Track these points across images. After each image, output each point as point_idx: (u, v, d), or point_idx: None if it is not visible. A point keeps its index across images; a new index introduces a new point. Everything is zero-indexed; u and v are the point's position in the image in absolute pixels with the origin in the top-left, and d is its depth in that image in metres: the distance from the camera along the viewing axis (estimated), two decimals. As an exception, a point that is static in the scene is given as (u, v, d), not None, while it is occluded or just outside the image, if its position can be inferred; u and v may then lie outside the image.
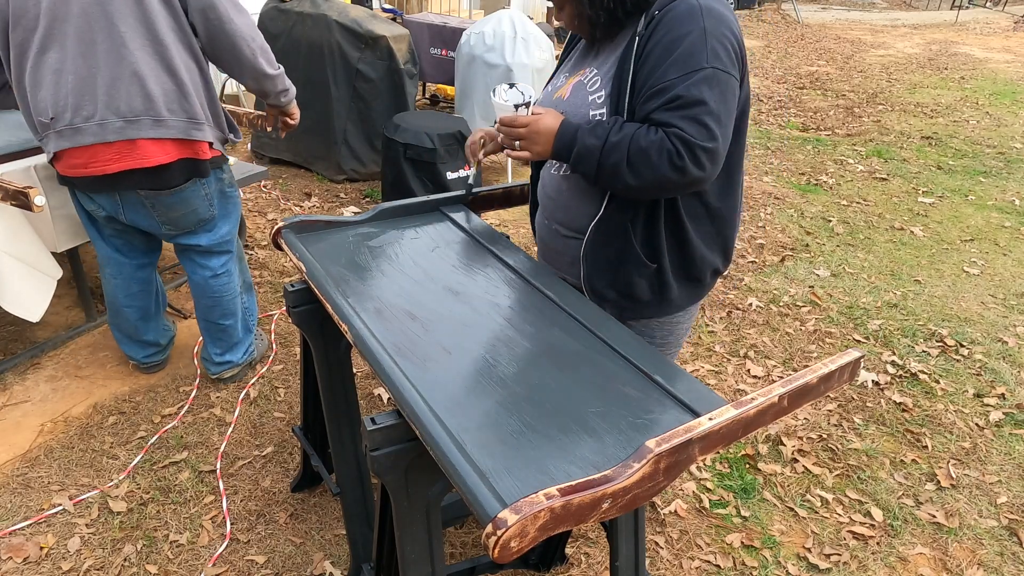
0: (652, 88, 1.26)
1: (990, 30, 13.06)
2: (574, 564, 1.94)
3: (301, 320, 1.58)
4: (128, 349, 2.51)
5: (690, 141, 1.23)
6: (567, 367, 1.18)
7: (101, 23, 1.81)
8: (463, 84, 4.43)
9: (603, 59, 1.40)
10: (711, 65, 1.23)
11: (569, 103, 1.43)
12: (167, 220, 2.11)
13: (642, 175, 1.26)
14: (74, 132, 1.89)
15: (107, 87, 1.86)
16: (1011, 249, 4.08)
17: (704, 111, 1.23)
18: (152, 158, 1.95)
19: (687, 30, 1.24)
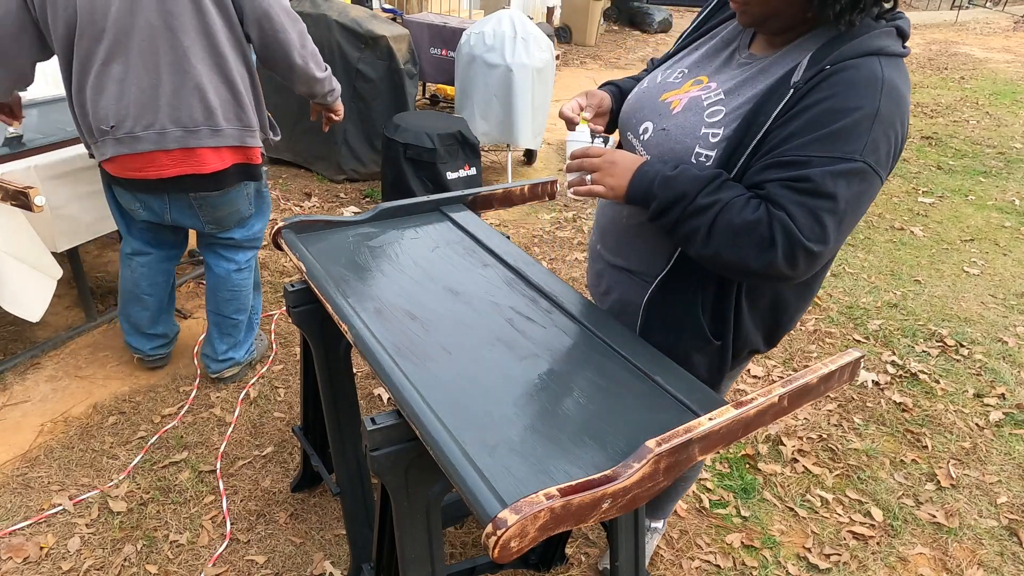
0: (782, 156, 1.04)
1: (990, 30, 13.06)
2: (574, 564, 1.94)
3: (301, 320, 1.58)
4: (136, 342, 2.52)
5: (795, 235, 1.02)
6: (567, 367, 1.18)
7: (165, 37, 1.87)
8: (463, 84, 4.43)
9: (737, 85, 1.15)
10: (864, 159, 1.01)
11: (677, 122, 1.19)
12: (212, 219, 2.20)
13: (719, 250, 1.07)
14: (133, 140, 1.96)
15: (169, 98, 1.93)
16: (1011, 249, 4.08)
17: (829, 208, 1.01)
18: (210, 165, 2.04)
19: (856, 105, 1.00)
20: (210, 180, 2.07)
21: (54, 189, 2.31)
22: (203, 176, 2.05)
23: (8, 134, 2.38)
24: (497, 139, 4.45)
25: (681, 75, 1.26)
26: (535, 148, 4.83)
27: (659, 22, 11.54)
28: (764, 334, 1.32)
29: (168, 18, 1.85)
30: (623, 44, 10.35)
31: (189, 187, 2.07)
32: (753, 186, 1.08)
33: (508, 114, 4.32)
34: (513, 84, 4.21)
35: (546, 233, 4.01)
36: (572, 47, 9.70)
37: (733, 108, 1.13)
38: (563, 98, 7.01)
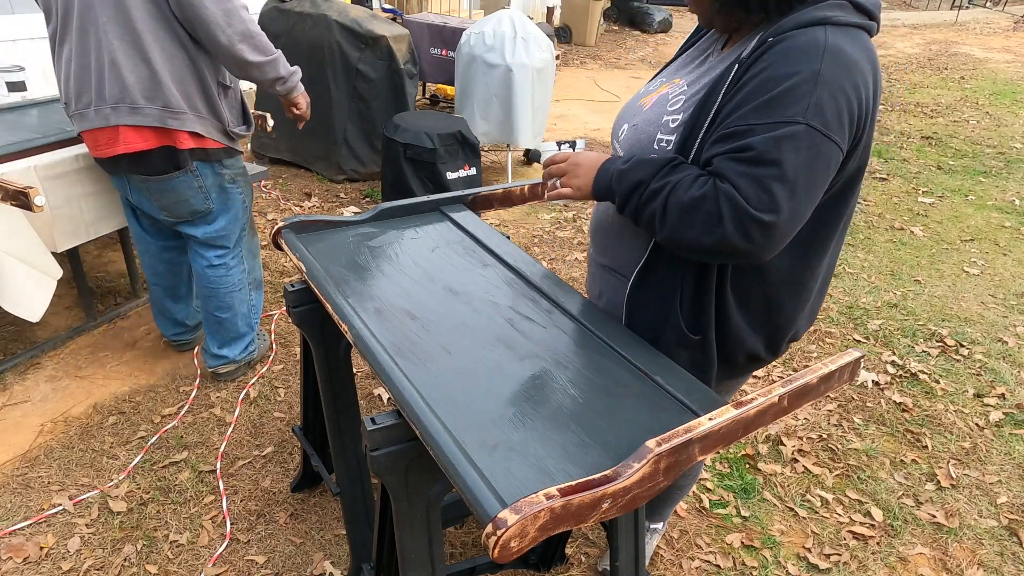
0: (727, 129, 1.04)
1: (990, 30, 13.06)
2: (574, 564, 1.94)
3: (301, 320, 1.58)
4: (160, 323, 2.62)
5: (741, 205, 0.99)
6: (567, 367, 1.18)
7: (90, 15, 1.90)
8: (463, 84, 4.43)
9: (696, 76, 1.19)
10: (807, 122, 0.97)
11: (645, 116, 1.24)
12: (163, 206, 2.18)
13: (674, 230, 1.07)
14: (80, 117, 2.02)
15: (96, 76, 1.95)
16: (1011, 249, 4.08)
17: (775, 175, 0.98)
18: (133, 144, 2.01)
19: (795, 70, 0.98)
20: (142, 163, 2.05)
21: (54, 189, 2.31)
22: (134, 158, 2.03)
23: None
24: (497, 139, 4.45)
25: (660, 82, 1.31)
26: (535, 148, 4.83)
27: (659, 22, 11.54)
28: (764, 338, 1.28)
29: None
30: (623, 44, 10.35)
31: (128, 168, 2.08)
32: (706, 163, 1.07)
33: (508, 114, 4.32)
34: (513, 84, 4.21)
35: (546, 233, 4.01)
36: (572, 47, 9.69)
37: (692, 95, 1.16)
38: (563, 98, 7.01)
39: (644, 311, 1.28)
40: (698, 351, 1.24)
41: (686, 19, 13.86)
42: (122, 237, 2.88)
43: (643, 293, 1.27)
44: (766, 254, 1.04)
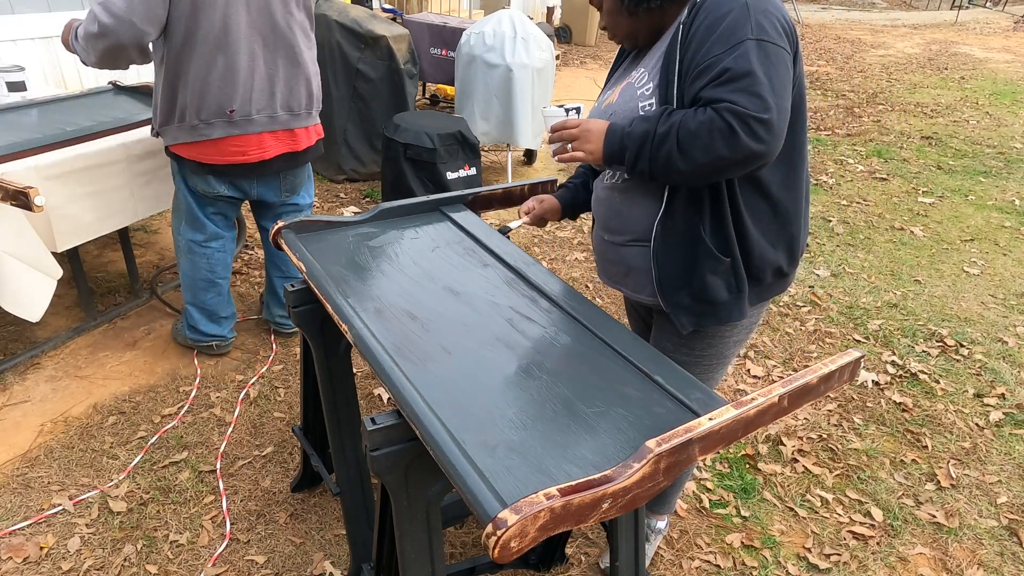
0: (699, 67, 1.23)
1: (990, 30, 13.06)
2: (574, 564, 1.94)
3: (301, 320, 1.58)
4: (209, 328, 2.63)
5: (742, 112, 1.17)
6: (567, 367, 1.18)
7: (282, 32, 2.23)
8: (463, 84, 4.43)
9: (648, 57, 1.39)
10: (756, 36, 1.20)
11: (618, 103, 1.41)
12: (293, 186, 2.51)
13: (694, 158, 1.22)
14: (248, 123, 2.24)
15: (284, 86, 2.29)
16: (1011, 249, 4.08)
17: (754, 81, 1.18)
18: (302, 143, 2.42)
19: (728, 8, 1.22)
20: (304, 154, 2.42)
21: (54, 189, 2.31)
22: (298, 153, 2.39)
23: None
24: (497, 139, 4.45)
25: (611, 89, 1.50)
26: (535, 148, 4.83)
27: (659, 22, 11.52)
28: (783, 250, 1.42)
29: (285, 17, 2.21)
30: (623, 44, 10.34)
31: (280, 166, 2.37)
32: (693, 102, 1.25)
33: (508, 114, 4.32)
34: (513, 84, 4.21)
35: (546, 233, 4.01)
36: (572, 47, 9.69)
37: (651, 67, 1.35)
38: (563, 98, 7.01)
39: (673, 259, 1.39)
40: (730, 273, 1.38)
41: (686, 19, 13.86)
42: (122, 237, 2.88)
43: (668, 243, 1.38)
44: (775, 148, 1.22)
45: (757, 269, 1.40)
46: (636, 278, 1.49)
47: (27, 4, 3.68)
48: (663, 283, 1.42)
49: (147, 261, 3.36)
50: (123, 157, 2.52)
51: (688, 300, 1.41)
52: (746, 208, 1.35)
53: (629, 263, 1.48)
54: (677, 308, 1.42)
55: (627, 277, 1.51)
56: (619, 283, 1.55)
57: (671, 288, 1.41)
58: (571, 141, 1.36)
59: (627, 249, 1.48)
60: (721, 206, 1.34)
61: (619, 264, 1.52)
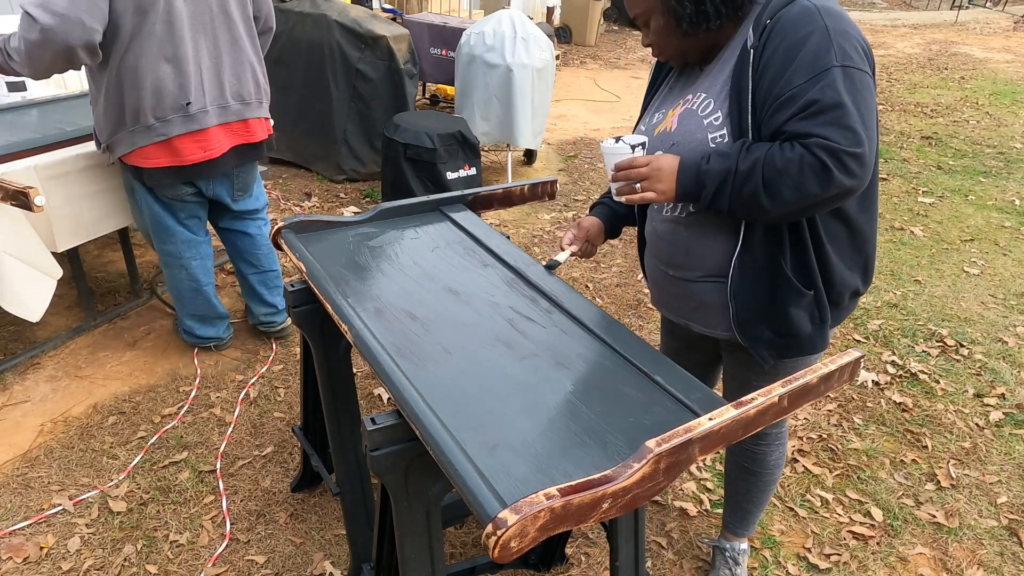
0: (780, 97, 1.16)
1: (990, 30, 13.06)
2: (574, 564, 1.94)
3: (301, 320, 1.58)
4: (207, 332, 2.67)
5: (836, 148, 1.12)
6: (567, 367, 1.18)
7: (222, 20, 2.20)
8: (463, 84, 4.43)
9: (710, 82, 1.30)
10: (841, 63, 1.13)
11: (680, 132, 1.32)
12: (243, 186, 2.46)
13: (783, 197, 1.16)
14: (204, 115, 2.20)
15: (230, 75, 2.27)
16: (1011, 249, 4.08)
17: (844, 113, 1.12)
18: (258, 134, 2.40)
19: (807, 31, 1.15)
20: (258, 149, 2.38)
21: (54, 189, 2.31)
22: (255, 145, 2.36)
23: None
24: (497, 139, 4.45)
25: (662, 113, 1.41)
26: (535, 148, 4.83)
27: (659, 22, 11.52)
28: (859, 271, 1.38)
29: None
30: (623, 44, 10.35)
31: (235, 161, 2.32)
32: (775, 135, 1.18)
33: (508, 114, 4.32)
34: (513, 84, 4.21)
35: (546, 233, 4.01)
36: (572, 47, 9.70)
37: (716, 94, 1.27)
38: (563, 98, 7.01)
39: (753, 295, 1.33)
40: (813, 305, 1.33)
41: (686, 19, 13.84)
42: (122, 237, 2.88)
43: (747, 279, 1.32)
44: (866, 181, 1.17)
45: (837, 295, 1.36)
46: (709, 314, 1.42)
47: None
48: (741, 319, 1.35)
49: (147, 261, 3.35)
50: (123, 157, 2.52)
51: (769, 334, 1.35)
52: (826, 235, 1.29)
53: (701, 299, 1.41)
54: (757, 342, 1.37)
55: (697, 312, 1.44)
56: (686, 318, 1.48)
57: (750, 324, 1.35)
58: (640, 180, 1.27)
59: (698, 285, 1.41)
60: (801, 237, 1.27)
61: (687, 299, 1.45)
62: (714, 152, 1.22)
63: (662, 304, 1.56)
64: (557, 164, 5.20)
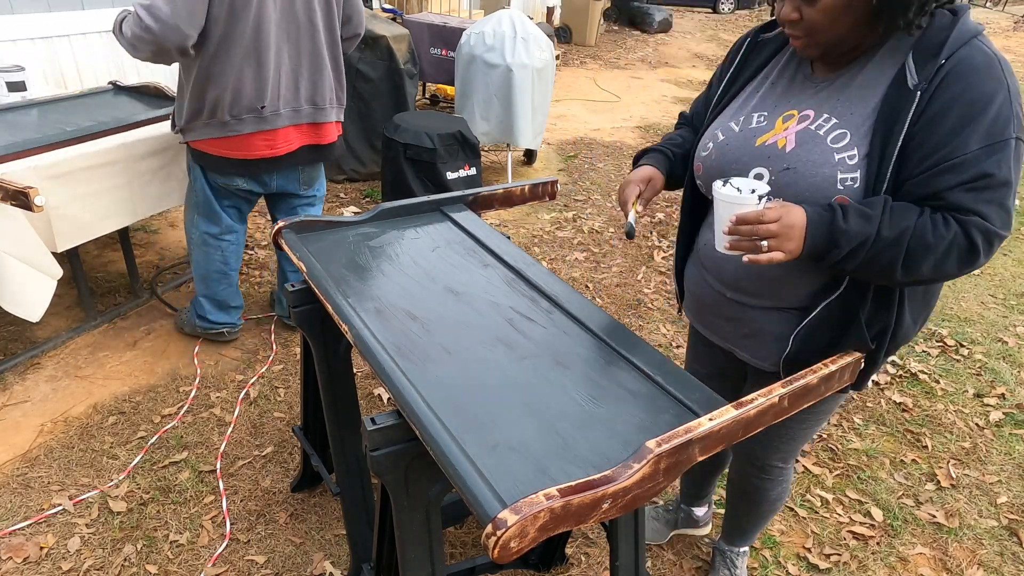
0: (947, 160, 1.03)
1: (990, 30, 13.05)
2: (574, 564, 1.94)
3: (301, 320, 1.58)
4: (219, 318, 2.72)
5: (991, 231, 1.04)
6: (567, 367, 1.18)
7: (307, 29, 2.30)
8: (463, 84, 4.43)
9: (842, 105, 1.14)
10: (1017, 136, 1.03)
11: (799, 158, 1.15)
12: (307, 180, 2.57)
13: (919, 272, 1.06)
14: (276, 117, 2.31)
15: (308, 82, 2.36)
16: (1011, 249, 4.08)
17: (1009, 193, 1.03)
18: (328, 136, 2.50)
19: (992, 89, 1.02)
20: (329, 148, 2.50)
21: (54, 189, 2.31)
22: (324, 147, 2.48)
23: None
24: (497, 139, 4.45)
25: (763, 118, 1.24)
26: (535, 148, 4.83)
27: (659, 22, 11.54)
28: (922, 321, 1.30)
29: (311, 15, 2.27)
30: (623, 44, 10.35)
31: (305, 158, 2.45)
32: (927, 197, 1.06)
33: (508, 114, 4.32)
34: (513, 84, 4.21)
35: (546, 233, 4.01)
36: (572, 47, 9.70)
37: (856, 127, 1.11)
38: (563, 98, 7.01)
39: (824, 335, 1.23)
40: (869, 358, 1.24)
41: (686, 19, 13.87)
42: (122, 237, 2.88)
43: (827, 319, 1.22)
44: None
45: (895, 346, 1.26)
46: (761, 343, 1.32)
47: (27, 4, 3.67)
48: (792, 359, 1.26)
49: (147, 261, 3.36)
50: (123, 157, 2.52)
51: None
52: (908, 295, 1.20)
53: (760, 327, 1.31)
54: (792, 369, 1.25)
55: (748, 340, 1.34)
56: (732, 343, 1.38)
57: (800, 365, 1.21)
58: (768, 238, 1.07)
59: (761, 313, 1.30)
60: (888, 297, 1.18)
61: (740, 324, 1.34)
62: (852, 209, 1.07)
63: (703, 324, 1.45)
64: (557, 164, 5.20)
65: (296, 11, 2.23)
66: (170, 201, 2.77)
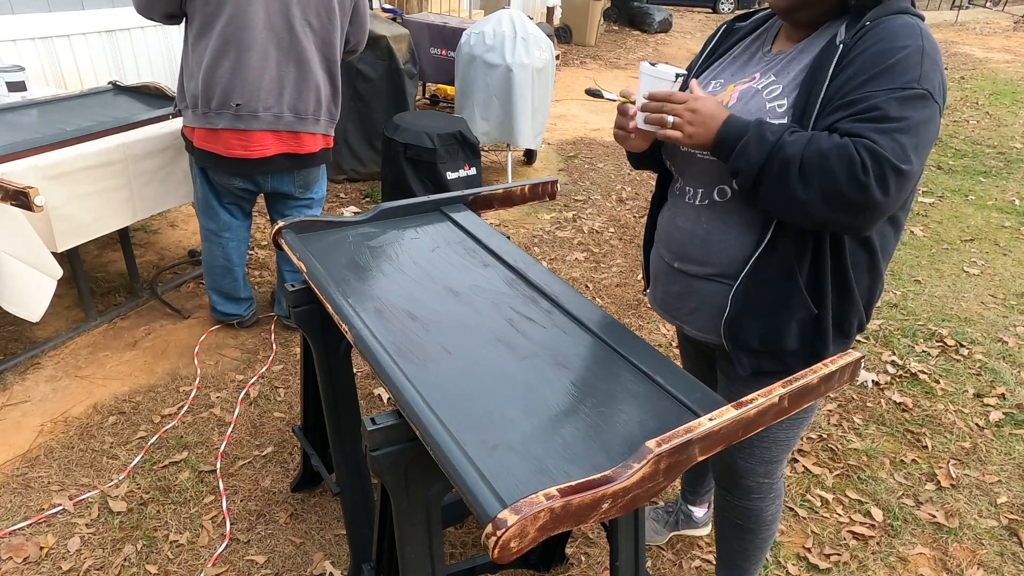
0: (846, 98, 1.10)
1: (990, 30, 13.06)
2: (574, 564, 1.94)
3: (301, 320, 1.58)
4: (229, 308, 2.82)
5: (880, 154, 1.05)
6: (567, 367, 1.18)
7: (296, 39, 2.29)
8: (463, 84, 4.43)
9: (782, 68, 1.24)
10: (924, 87, 1.07)
11: (739, 110, 1.24)
12: (303, 184, 2.56)
13: (813, 184, 1.09)
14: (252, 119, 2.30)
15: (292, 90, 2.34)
16: (1011, 249, 4.08)
17: (903, 128, 1.06)
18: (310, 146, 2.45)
19: (904, 44, 1.09)
20: (306, 158, 2.47)
21: (54, 189, 2.31)
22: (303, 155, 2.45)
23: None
24: (497, 139, 4.45)
25: (719, 85, 1.33)
26: (535, 148, 4.83)
27: (659, 22, 11.54)
28: (866, 301, 1.31)
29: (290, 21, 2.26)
30: (623, 44, 10.35)
31: (282, 165, 2.44)
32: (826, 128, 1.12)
33: (508, 114, 4.32)
34: (513, 84, 4.21)
35: (546, 233, 4.01)
36: (572, 47, 9.70)
37: (788, 81, 1.21)
38: (563, 98, 7.01)
39: (755, 299, 1.27)
40: (812, 325, 1.27)
41: (686, 19, 13.87)
42: (122, 237, 2.88)
43: (757, 283, 1.26)
44: (891, 208, 1.10)
45: (850, 325, 1.29)
46: (705, 317, 1.36)
47: (27, 4, 3.68)
48: (733, 322, 1.29)
49: (147, 261, 3.36)
50: (123, 157, 2.52)
51: (756, 344, 1.29)
52: (851, 262, 1.23)
53: (702, 299, 1.35)
54: (740, 350, 1.31)
55: (693, 314, 1.38)
56: (681, 319, 1.42)
57: (741, 329, 1.29)
58: (673, 117, 1.17)
59: (704, 283, 1.34)
60: (823, 252, 1.21)
61: (688, 299, 1.39)
62: (764, 121, 1.16)
63: (658, 303, 1.50)
64: (557, 164, 5.20)
65: (291, 18, 2.23)
66: (170, 201, 2.77)
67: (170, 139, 2.65)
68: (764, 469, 1.49)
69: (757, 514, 1.57)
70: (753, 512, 1.56)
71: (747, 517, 1.57)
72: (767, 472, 1.50)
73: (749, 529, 1.59)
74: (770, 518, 1.59)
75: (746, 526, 1.59)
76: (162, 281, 3.19)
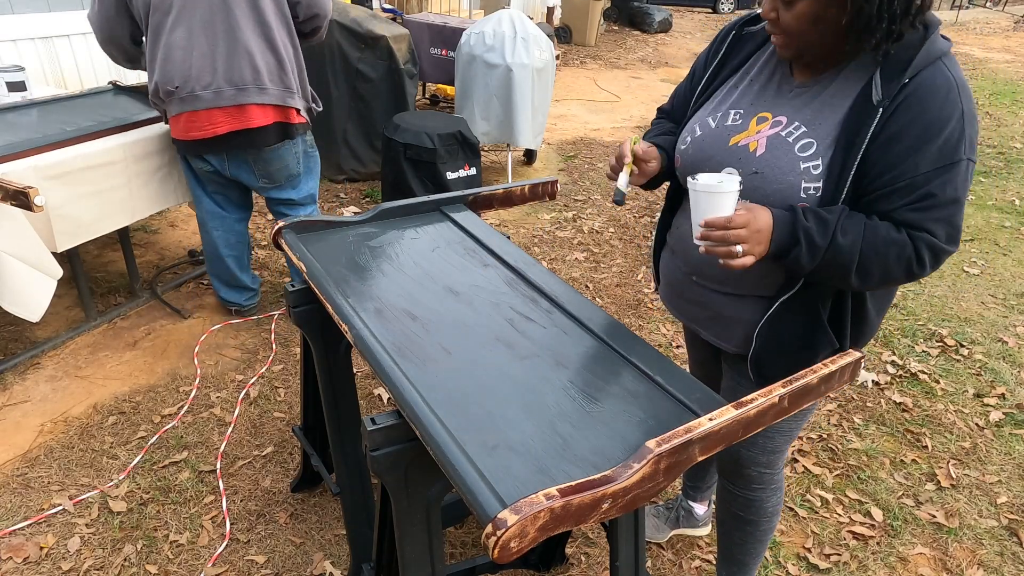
0: (899, 180, 1.10)
1: (990, 30, 13.07)
2: (574, 564, 1.94)
3: (301, 320, 1.58)
4: (228, 295, 2.89)
5: (938, 247, 1.11)
6: (567, 367, 1.18)
7: (220, 9, 2.25)
8: (463, 84, 4.43)
9: (811, 114, 1.18)
10: (967, 157, 1.09)
11: (767, 162, 1.20)
12: (265, 174, 2.52)
13: (869, 278, 1.13)
14: (194, 99, 2.30)
15: (225, 61, 2.28)
16: (1011, 249, 4.08)
17: (956, 211, 1.10)
18: (256, 120, 2.37)
19: (948, 114, 1.08)
20: (258, 136, 2.39)
21: (54, 189, 2.31)
22: (252, 131, 2.38)
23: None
24: (497, 139, 4.45)
25: (738, 116, 1.28)
26: (535, 148, 4.83)
27: (659, 22, 11.54)
28: (881, 316, 1.36)
29: None
30: (623, 44, 10.35)
31: (238, 144, 2.40)
32: (880, 215, 1.14)
33: (508, 114, 4.32)
34: (513, 84, 4.21)
35: (546, 233, 4.01)
36: (572, 47, 9.70)
37: (822, 138, 1.17)
38: (563, 98, 7.01)
39: (786, 332, 1.28)
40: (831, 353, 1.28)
41: (686, 19, 13.87)
42: (122, 237, 2.88)
43: (788, 315, 1.27)
44: None
45: (861, 340, 1.32)
46: (723, 326, 1.37)
47: (27, 4, 3.68)
48: (763, 358, 1.31)
49: (147, 261, 3.36)
50: (123, 157, 2.52)
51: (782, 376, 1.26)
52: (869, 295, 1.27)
53: (720, 310, 1.37)
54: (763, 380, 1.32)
55: (711, 322, 1.40)
56: (697, 324, 1.44)
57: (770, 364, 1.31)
58: (740, 243, 1.11)
59: (724, 298, 1.35)
60: (844, 295, 1.24)
61: (705, 308, 1.40)
62: (811, 211, 1.13)
63: (673, 305, 1.51)
64: (557, 164, 5.20)
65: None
66: (170, 201, 2.77)
67: (169, 139, 2.65)
68: (766, 459, 1.52)
69: (759, 505, 1.59)
70: (755, 503, 1.59)
71: (748, 508, 1.60)
72: (769, 462, 1.53)
73: (750, 520, 1.61)
74: (771, 510, 1.61)
75: (747, 517, 1.61)
76: (162, 281, 3.19)
